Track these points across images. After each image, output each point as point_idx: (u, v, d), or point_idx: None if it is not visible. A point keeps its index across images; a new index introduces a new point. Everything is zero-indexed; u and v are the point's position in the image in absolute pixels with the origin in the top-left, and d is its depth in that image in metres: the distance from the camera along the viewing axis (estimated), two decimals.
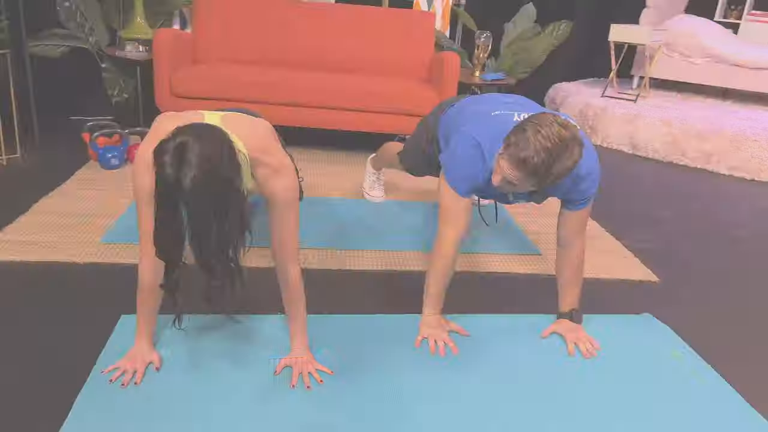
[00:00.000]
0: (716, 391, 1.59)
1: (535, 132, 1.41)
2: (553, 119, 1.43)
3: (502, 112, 1.70)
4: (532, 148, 1.40)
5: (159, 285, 1.37)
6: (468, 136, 1.66)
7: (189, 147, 1.18)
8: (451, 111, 1.96)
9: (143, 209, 1.41)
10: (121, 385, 1.42)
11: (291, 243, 1.51)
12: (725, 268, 2.40)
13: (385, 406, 1.42)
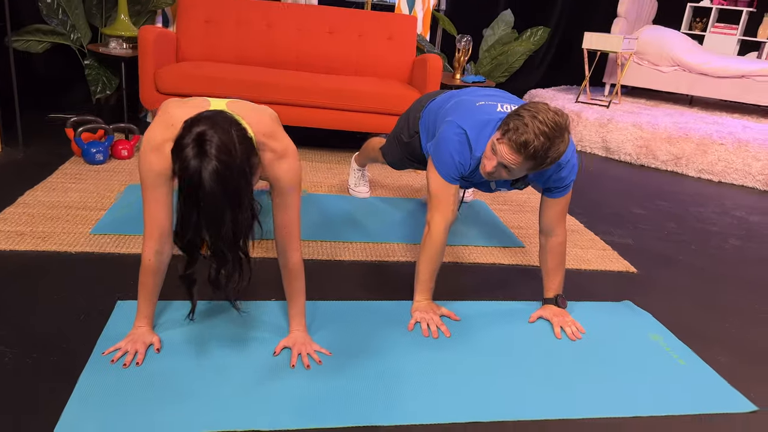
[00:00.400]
0: (692, 366, 1.68)
1: (532, 118, 1.48)
2: (547, 107, 1.51)
3: (486, 102, 1.78)
4: (532, 132, 1.47)
5: (178, 276, 1.38)
6: (454, 125, 1.73)
7: (208, 138, 1.21)
8: (432, 105, 2.03)
9: (149, 193, 1.43)
10: (123, 365, 1.43)
11: (293, 226, 1.54)
12: (699, 260, 2.51)
13: (383, 381, 1.47)
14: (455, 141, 1.72)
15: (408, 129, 2.22)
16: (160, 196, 1.44)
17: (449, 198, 1.77)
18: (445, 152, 1.73)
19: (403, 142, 2.25)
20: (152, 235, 1.47)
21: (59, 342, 1.52)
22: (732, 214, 3.21)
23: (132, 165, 2.95)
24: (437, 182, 1.76)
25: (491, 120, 1.70)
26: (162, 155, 1.39)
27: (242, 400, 1.36)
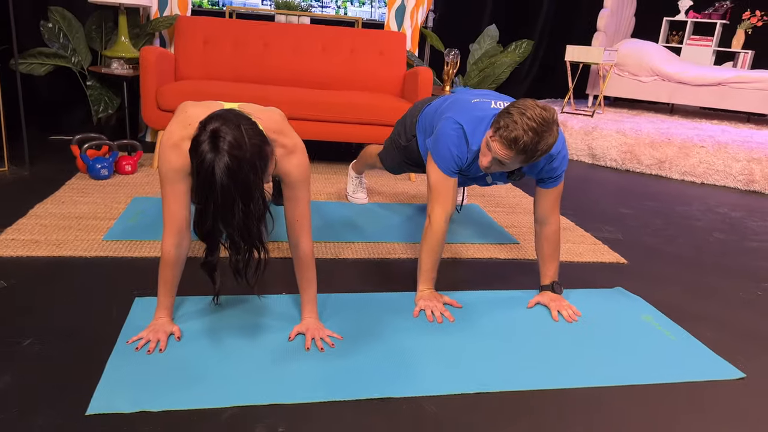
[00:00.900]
0: (682, 340, 1.78)
1: (521, 115, 1.60)
2: (534, 103, 1.63)
3: (481, 100, 1.91)
4: (521, 129, 1.59)
5: (200, 265, 1.47)
6: (452, 120, 1.86)
7: (222, 134, 1.31)
8: (429, 109, 2.16)
9: (168, 188, 1.53)
10: (147, 352, 1.51)
11: (304, 218, 1.64)
12: (685, 251, 2.63)
13: (392, 359, 1.55)
14: (453, 135, 1.84)
15: (405, 133, 2.33)
16: (179, 191, 1.53)
17: (449, 191, 1.88)
18: (443, 146, 1.85)
19: (401, 146, 2.37)
20: (171, 229, 1.56)
21: (83, 333, 1.59)
22: (715, 211, 3.35)
23: (136, 179, 3.04)
24: (437, 175, 1.88)
25: (486, 116, 1.83)
26: (180, 152, 1.49)
27: (261, 379, 1.44)
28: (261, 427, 1.28)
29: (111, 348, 1.53)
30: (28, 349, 1.50)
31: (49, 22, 3.58)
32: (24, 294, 1.78)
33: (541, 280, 2.03)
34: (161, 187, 1.55)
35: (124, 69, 3.41)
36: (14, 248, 2.08)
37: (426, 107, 2.20)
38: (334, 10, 4.33)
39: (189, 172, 1.51)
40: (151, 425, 1.26)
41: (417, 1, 4.22)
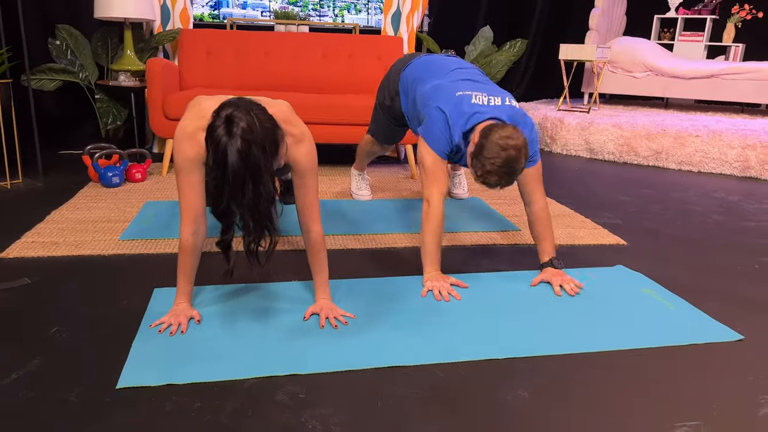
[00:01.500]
0: (682, 309, 1.84)
1: (492, 166, 1.79)
2: (505, 135, 1.78)
3: (464, 93, 2.02)
4: (495, 177, 1.81)
5: (215, 243, 1.55)
6: (438, 110, 2.02)
7: (236, 119, 1.39)
8: (408, 71, 2.34)
9: (183, 178, 1.61)
10: (170, 334, 1.58)
11: (314, 205, 1.72)
12: (684, 232, 2.70)
13: (402, 332, 1.62)
14: (441, 124, 2.01)
15: (389, 92, 2.50)
16: (194, 180, 1.61)
17: (443, 172, 2.04)
18: (435, 130, 2.01)
19: (386, 107, 2.54)
20: (188, 217, 1.64)
21: (106, 322, 1.66)
22: (712, 196, 3.42)
23: (146, 186, 3.12)
24: (432, 158, 2.01)
25: (464, 113, 1.98)
26: (195, 142, 1.57)
27: (279, 352, 1.51)
28: (281, 393, 1.35)
29: (134, 334, 1.60)
30: (55, 336, 1.57)
31: (57, 39, 3.69)
32: (47, 289, 1.86)
33: (541, 258, 2.10)
34: (177, 177, 1.63)
35: (131, 81, 3.52)
36: (35, 249, 2.16)
37: (406, 68, 2.37)
38: (332, 18, 4.44)
39: (204, 162, 1.60)
40: (178, 395, 1.33)
41: (412, 6, 4.33)
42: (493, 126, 1.83)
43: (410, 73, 2.34)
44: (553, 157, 4.53)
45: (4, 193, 2.91)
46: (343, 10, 4.44)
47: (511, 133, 1.79)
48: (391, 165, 3.95)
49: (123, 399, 1.31)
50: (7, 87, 2.90)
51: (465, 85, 2.06)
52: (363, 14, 4.48)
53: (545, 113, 4.89)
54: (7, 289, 1.84)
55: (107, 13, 3.42)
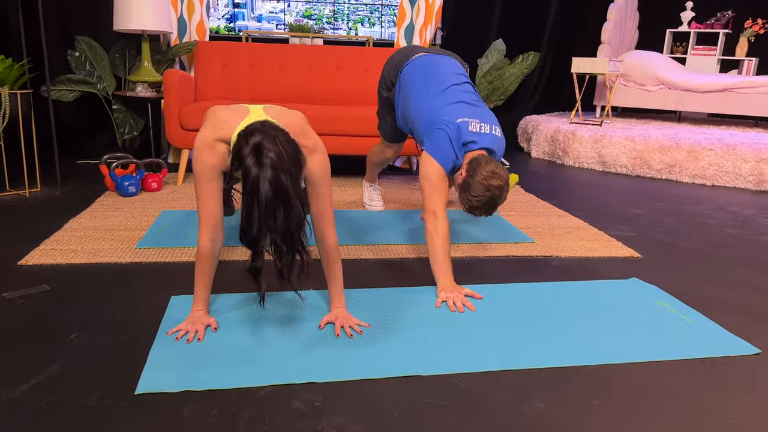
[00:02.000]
0: (698, 322, 1.83)
1: (485, 191, 1.98)
2: (490, 175, 1.97)
3: (463, 120, 2.12)
4: (483, 212, 2.04)
5: (246, 270, 1.57)
6: (445, 133, 2.12)
7: (265, 149, 1.42)
8: (407, 70, 2.40)
9: (203, 186, 1.63)
10: (186, 341, 1.60)
11: (328, 213, 1.74)
12: (698, 245, 2.69)
13: (418, 343, 1.63)
14: (447, 145, 2.11)
15: (385, 83, 2.55)
16: (213, 188, 1.64)
17: (447, 185, 2.13)
18: (443, 147, 2.10)
19: (384, 97, 2.59)
20: (207, 224, 1.66)
21: (124, 328, 1.68)
22: (727, 210, 3.40)
23: (162, 195, 3.16)
24: (440, 173, 2.10)
25: (463, 139, 2.10)
26: (215, 152, 1.60)
27: (295, 361, 1.52)
28: (298, 401, 1.36)
29: (151, 340, 1.62)
30: (74, 342, 1.59)
31: (76, 51, 3.76)
32: (65, 296, 1.88)
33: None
34: (196, 185, 1.65)
35: (148, 92, 3.57)
36: (53, 257, 2.19)
37: (406, 65, 2.42)
38: (346, 31, 4.49)
39: (223, 171, 1.63)
40: (195, 402, 1.34)
41: (425, 19, 4.37)
42: (480, 162, 2.00)
43: (409, 73, 2.38)
44: (565, 169, 4.53)
45: (23, 201, 2.95)
46: (357, 23, 4.49)
47: (495, 171, 1.97)
48: (403, 176, 3.96)
49: (141, 405, 1.32)
50: (27, 97, 2.95)
51: (463, 110, 2.16)
52: (377, 27, 4.53)
53: (557, 126, 4.90)
54: (26, 295, 1.87)
55: (126, 25, 3.48)
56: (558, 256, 2.47)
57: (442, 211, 2.05)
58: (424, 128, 2.19)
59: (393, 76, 2.51)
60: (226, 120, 1.62)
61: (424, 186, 2.11)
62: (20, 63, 2.87)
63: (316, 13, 4.42)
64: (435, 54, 2.45)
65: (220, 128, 1.62)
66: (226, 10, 4.41)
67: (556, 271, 2.30)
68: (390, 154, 2.81)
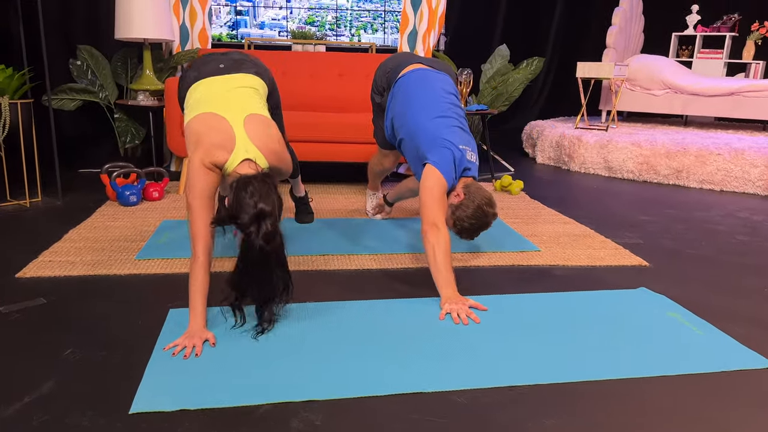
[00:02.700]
0: (709, 334, 1.78)
1: (482, 216, 2.11)
2: (485, 203, 2.11)
3: (464, 147, 2.19)
4: (480, 226, 2.15)
5: (254, 327, 1.73)
6: (450, 152, 2.15)
7: (265, 217, 1.59)
8: (402, 83, 2.38)
9: (200, 202, 1.73)
10: (183, 357, 1.56)
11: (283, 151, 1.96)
12: (708, 252, 2.63)
13: (421, 359, 1.58)
14: (450, 164, 2.14)
15: (377, 88, 2.54)
16: (208, 205, 1.73)
17: (446, 200, 2.14)
18: (449, 164, 2.13)
19: (376, 103, 2.57)
20: (202, 237, 1.65)
21: (121, 343, 1.65)
22: (736, 216, 3.34)
23: (163, 204, 3.13)
24: (443, 186, 2.11)
25: (463, 164, 2.18)
26: (211, 176, 1.80)
27: (293, 378, 1.47)
28: (297, 420, 1.32)
29: (148, 356, 1.58)
30: (69, 358, 1.56)
31: (78, 59, 3.75)
32: (62, 309, 1.85)
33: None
34: (192, 201, 1.69)
35: (150, 100, 3.55)
36: (51, 269, 2.16)
37: (401, 78, 2.39)
38: (348, 37, 4.47)
39: (215, 191, 1.78)
40: (191, 421, 1.30)
41: (428, 25, 4.34)
42: (479, 187, 2.13)
43: (404, 85, 2.36)
44: (571, 175, 4.48)
45: (24, 211, 2.93)
46: (360, 29, 4.47)
47: (491, 200, 2.12)
48: None
49: (135, 425, 1.29)
50: (28, 107, 2.94)
51: (460, 136, 2.21)
52: (379, 33, 4.50)
53: (562, 131, 4.85)
54: (23, 309, 1.84)
55: (127, 34, 3.46)
56: (564, 265, 2.42)
57: (443, 224, 2.04)
58: (427, 144, 2.19)
59: (385, 83, 2.49)
60: (217, 145, 1.79)
61: (425, 198, 2.08)
62: (21, 72, 2.86)
63: (318, 20, 4.40)
64: (430, 69, 2.41)
65: (213, 154, 1.77)
66: (229, 17, 4.39)
67: (562, 281, 2.25)
68: (388, 163, 2.77)
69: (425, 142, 2.19)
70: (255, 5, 4.35)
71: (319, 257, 2.39)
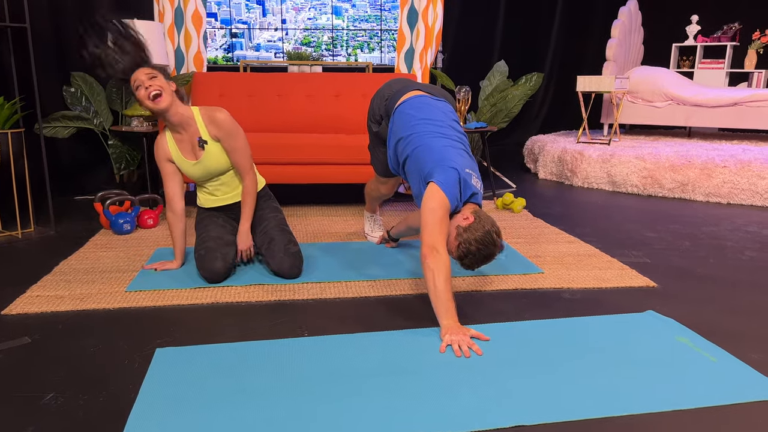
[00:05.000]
0: (724, 362, 1.69)
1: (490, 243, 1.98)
2: (498, 232, 2.01)
3: (470, 171, 2.11)
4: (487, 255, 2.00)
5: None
6: (457, 174, 2.04)
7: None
8: (404, 108, 2.27)
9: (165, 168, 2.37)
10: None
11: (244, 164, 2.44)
12: (718, 271, 2.55)
13: (423, 399, 1.50)
14: (458, 181, 2.04)
15: (374, 116, 2.45)
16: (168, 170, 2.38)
17: (448, 223, 2.02)
18: (454, 185, 2.02)
19: (374, 132, 2.47)
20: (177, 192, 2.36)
21: (105, 386, 1.57)
22: (745, 230, 3.26)
23: (158, 232, 3.07)
24: (446, 208, 1.99)
25: (470, 188, 2.07)
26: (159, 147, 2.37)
27: (284, 420, 1.40)
28: None
29: (132, 401, 1.51)
30: (49, 403, 1.48)
31: (72, 86, 3.71)
32: (47, 349, 1.78)
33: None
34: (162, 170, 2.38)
35: (144, 126, 3.51)
36: (39, 304, 2.09)
37: (402, 104, 2.29)
38: (345, 57, 4.43)
39: (168, 159, 2.37)
40: None
41: (425, 43, 4.30)
42: (484, 216, 2.01)
43: (405, 112, 2.25)
44: (573, 190, 4.41)
45: (15, 242, 2.88)
46: (356, 49, 4.43)
47: (498, 229, 2.01)
48: (405, 203, 3.86)
49: None
50: (18, 136, 2.89)
51: (465, 160, 2.12)
52: (376, 52, 4.47)
53: (564, 146, 4.79)
54: (6, 349, 1.77)
55: None
56: (569, 287, 2.34)
57: (443, 248, 1.92)
58: (432, 163, 2.06)
59: (383, 111, 2.40)
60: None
61: (427, 219, 1.97)
62: (11, 102, 2.82)
63: (314, 41, 4.37)
64: (430, 96, 2.33)
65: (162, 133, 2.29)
66: (224, 40, 4.37)
67: (568, 305, 2.17)
68: (385, 190, 2.70)
69: (430, 161, 2.07)
70: (250, 27, 4.32)
71: (315, 285, 2.32)
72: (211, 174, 2.38)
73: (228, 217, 2.52)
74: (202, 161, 2.34)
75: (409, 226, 2.65)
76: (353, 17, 4.43)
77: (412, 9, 4.26)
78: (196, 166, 2.35)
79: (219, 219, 2.47)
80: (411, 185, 2.19)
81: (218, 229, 2.40)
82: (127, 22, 2.01)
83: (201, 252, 2.31)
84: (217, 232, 2.38)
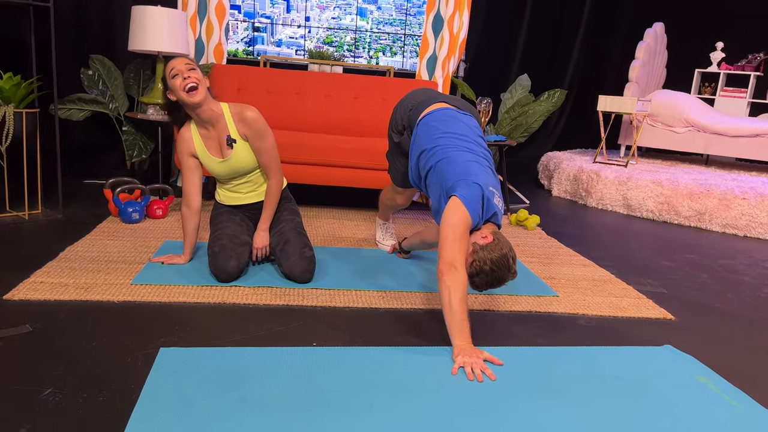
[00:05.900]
0: (747, 407, 1.63)
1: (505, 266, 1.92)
2: (514, 257, 1.94)
3: (494, 189, 2.04)
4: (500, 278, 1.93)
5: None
6: (480, 190, 1.98)
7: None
8: (428, 120, 2.21)
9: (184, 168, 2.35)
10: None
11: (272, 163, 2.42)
12: (736, 307, 2.48)
13: (435, 425, 1.44)
14: (481, 198, 1.97)
15: (396, 126, 2.39)
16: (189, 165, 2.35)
17: (467, 240, 1.95)
18: (476, 201, 1.95)
19: (395, 143, 2.41)
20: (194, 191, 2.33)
21: (106, 384, 1.52)
22: (763, 266, 3.19)
23: (167, 223, 3.02)
24: (467, 223, 1.92)
25: (492, 207, 2.01)
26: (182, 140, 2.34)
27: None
28: None
29: (133, 402, 1.45)
30: (47, 399, 1.43)
31: (90, 69, 3.67)
32: (48, 339, 1.73)
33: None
34: (182, 167, 2.35)
35: (160, 115, 3.46)
36: (42, 291, 2.04)
37: (426, 116, 2.23)
38: (366, 59, 4.38)
39: (191, 154, 2.34)
40: None
41: (449, 51, 4.25)
42: (504, 239, 1.95)
43: (431, 124, 2.19)
44: (588, 210, 4.35)
45: (22, 223, 2.83)
46: (378, 51, 4.38)
47: (514, 254, 1.95)
48: (419, 211, 3.80)
49: None
50: (33, 116, 2.85)
51: (490, 177, 2.06)
52: (398, 57, 4.42)
53: (580, 165, 4.73)
54: (5, 337, 1.72)
55: (141, 46, 3.39)
56: (584, 314, 2.28)
57: (461, 265, 1.86)
58: (456, 177, 2.00)
59: (406, 121, 2.34)
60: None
61: (447, 234, 1.91)
62: (28, 81, 2.77)
63: (337, 40, 4.32)
64: (455, 109, 2.27)
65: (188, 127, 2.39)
66: (246, 33, 4.32)
67: (583, 332, 2.11)
68: (401, 200, 2.64)
69: (454, 174, 2.01)
70: (273, 23, 4.28)
71: (324, 291, 2.27)
72: (237, 173, 2.33)
73: (245, 215, 2.47)
74: (229, 160, 2.28)
75: (423, 241, 2.59)
76: (378, 19, 4.38)
77: (438, 16, 4.21)
78: (223, 164, 2.30)
79: (236, 217, 2.42)
80: (431, 199, 2.13)
81: (235, 228, 2.34)
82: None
83: (215, 249, 2.25)
84: (234, 230, 2.33)
